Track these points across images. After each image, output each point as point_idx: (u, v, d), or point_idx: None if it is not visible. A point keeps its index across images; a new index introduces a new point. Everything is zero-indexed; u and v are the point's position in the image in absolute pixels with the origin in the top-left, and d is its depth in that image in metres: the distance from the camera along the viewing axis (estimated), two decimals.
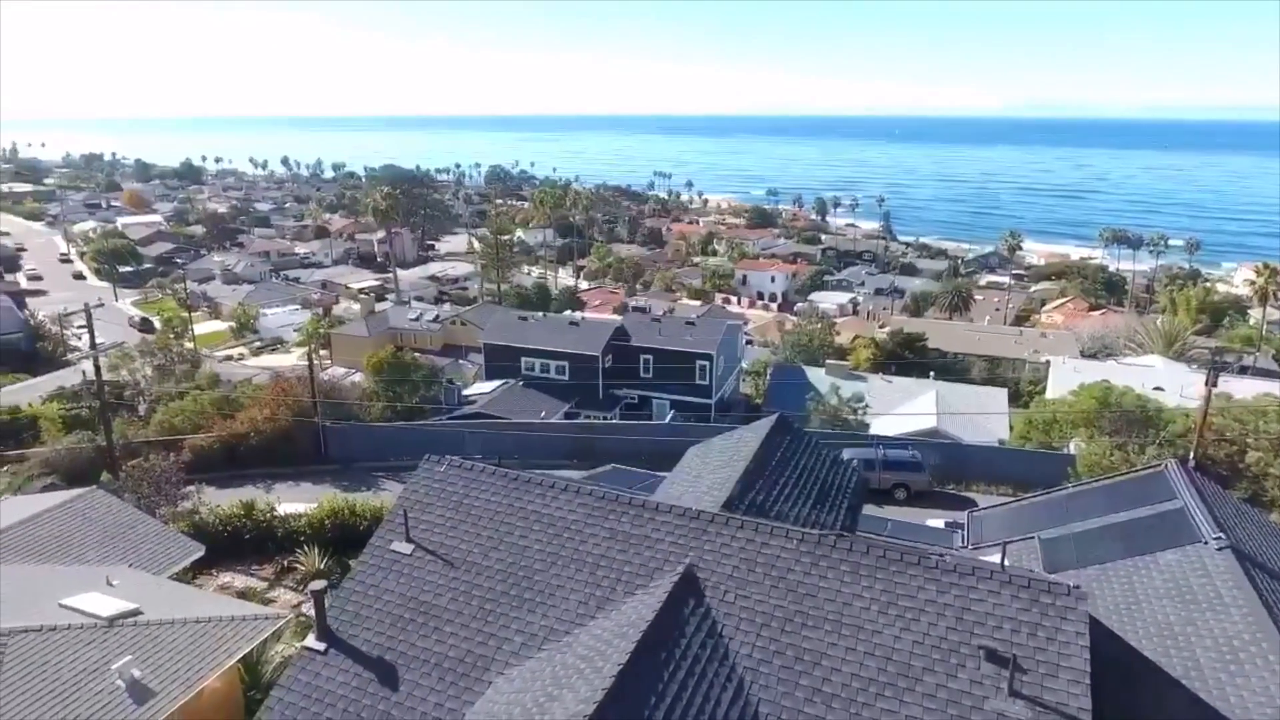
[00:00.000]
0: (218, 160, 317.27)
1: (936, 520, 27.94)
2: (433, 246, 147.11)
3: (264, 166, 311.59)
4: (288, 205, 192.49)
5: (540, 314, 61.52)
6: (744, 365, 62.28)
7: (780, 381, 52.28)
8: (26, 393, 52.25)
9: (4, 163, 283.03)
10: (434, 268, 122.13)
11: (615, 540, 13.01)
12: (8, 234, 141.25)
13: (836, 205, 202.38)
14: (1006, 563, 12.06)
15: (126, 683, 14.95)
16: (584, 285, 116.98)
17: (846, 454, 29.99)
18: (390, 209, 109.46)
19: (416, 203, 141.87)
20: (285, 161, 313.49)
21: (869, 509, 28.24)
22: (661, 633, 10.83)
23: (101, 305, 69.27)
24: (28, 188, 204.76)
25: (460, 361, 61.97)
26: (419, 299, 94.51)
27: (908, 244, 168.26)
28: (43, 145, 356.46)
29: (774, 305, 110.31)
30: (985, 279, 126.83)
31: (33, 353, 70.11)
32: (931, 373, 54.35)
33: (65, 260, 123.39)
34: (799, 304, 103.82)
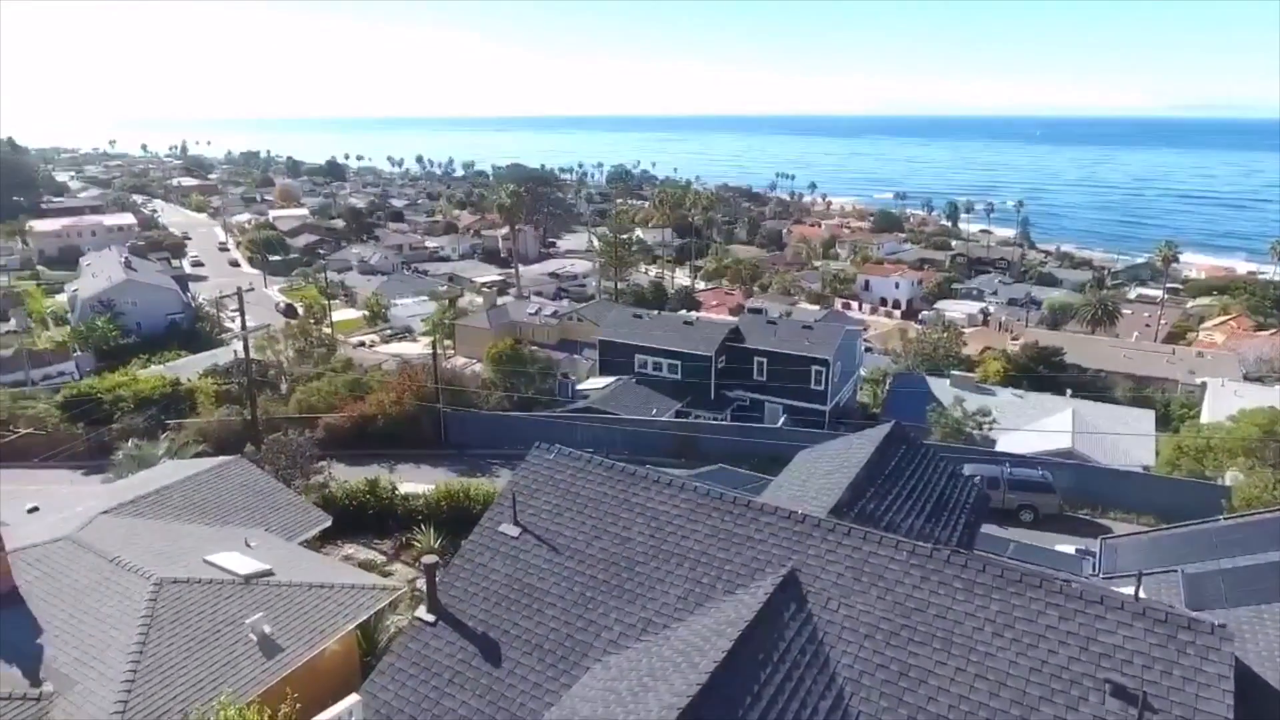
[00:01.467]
0: (359, 159, 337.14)
1: (1066, 546, 26.30)
2: (554, 244, 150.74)
3: (400, 165, 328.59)
4: (420, 202, 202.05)
5: (655, 312, 61.86)
6: (862, 373, 60.52)
7: (900, 391, 50.47)
8: (186, 368, 57.32)
9: (176, 159, 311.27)
10: (554, 264, 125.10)
11: (717, 538, 12.92)
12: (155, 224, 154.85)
13: (969, 210, 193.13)
14: (1142, 594, 11.15)
15: (258, 637, 16.11)
16: (700, 285, 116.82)
17: (968, 469, 28.62)
18: (515, 206, 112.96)
19: (540, 201, 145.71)
20: (420, 160, 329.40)
21: (990, 529, 26.88)
22: (760, 634, 10.66)
23: (252, 290, 75.13)
24: (194, 182, 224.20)
25: (575, 356, 63.20)
26: (539, 294, 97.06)
27: (1047, 252, 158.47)
28: (209, 143, 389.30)
29: (897, 312, 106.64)
30: (1135, 292, 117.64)
31: (193, 331, 76.74)
32: (1068, 390, 51.03)
33: (224, 249, 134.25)
34: (924, 312, 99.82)
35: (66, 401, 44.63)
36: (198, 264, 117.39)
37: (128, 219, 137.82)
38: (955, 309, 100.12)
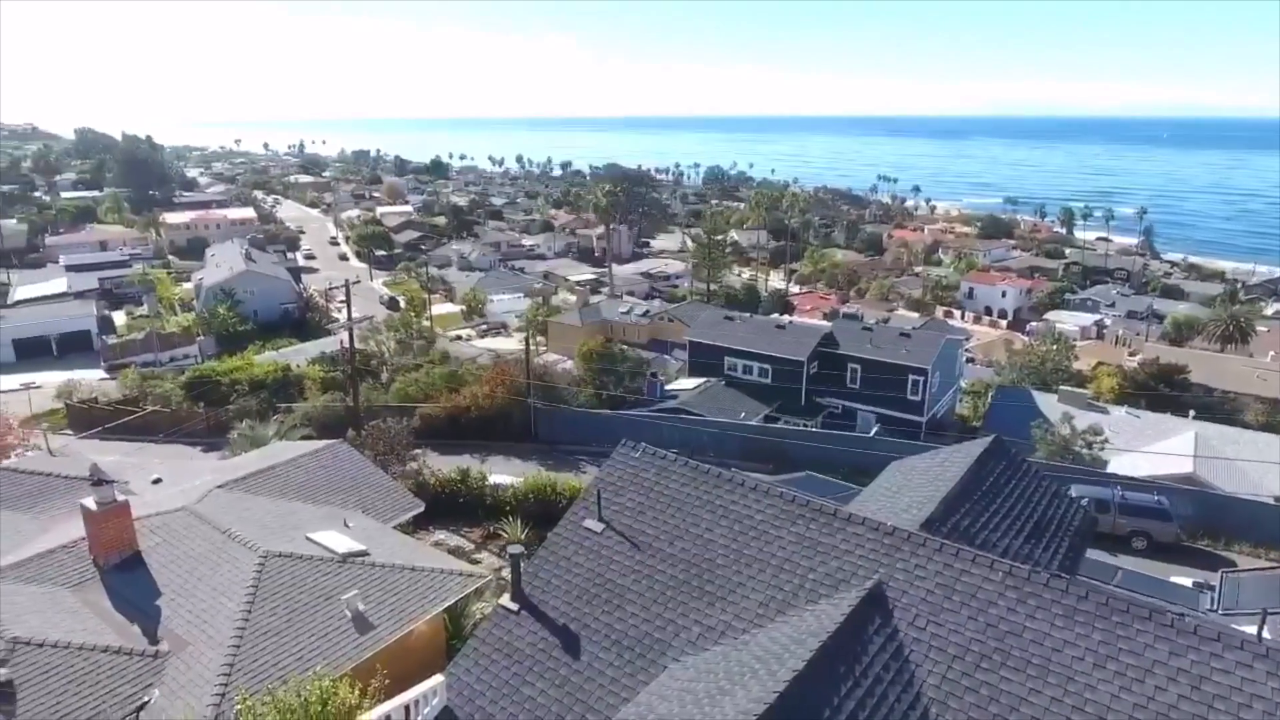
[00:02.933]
0: (462, 158, 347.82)
1: (1182, 578, 24.62)
2: (648, 244, 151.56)
3: (501, 164, 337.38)
4: (519, 200, 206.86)
5: (747, 315, 61.29)
6: (962, 384, 58.23)
7: (1003, 404, 48.25)
8: (296, 355, 60.52)
9: (294, 158, 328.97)
10: (647, 264, 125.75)
11: (802, 545, 12.68)
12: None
13: (1086, 216, 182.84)
14: (1266, 634, 10.30)
15: (352, 613, 16.83)
16: (795, 289, 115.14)
17: (1075, 490, 27.15)
18: (610, 206, 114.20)
19: (635, 200, 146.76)
20: (519, 159, 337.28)
21: (1098, 554, 25.42)
22: (842, 646, 10.40)
23: (358, 283, 78.38)
24: (310, 179, 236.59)
25: (665, 356, 63.35)
26: (631, 294, 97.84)
27: (1172, 263, 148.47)
28: (324, 143, 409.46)
29: (1002, 322, 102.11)
30: (1272, 308, 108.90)
31: (304, 321, 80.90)
32: (1191, 411, 47.60)
33: (334, 243, 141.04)
34: (1032, 323, 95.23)
35: (189, 382, 47.90)
36: (310, 257, 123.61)
37: (249, 213, 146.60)
38: (1067, 320, 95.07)
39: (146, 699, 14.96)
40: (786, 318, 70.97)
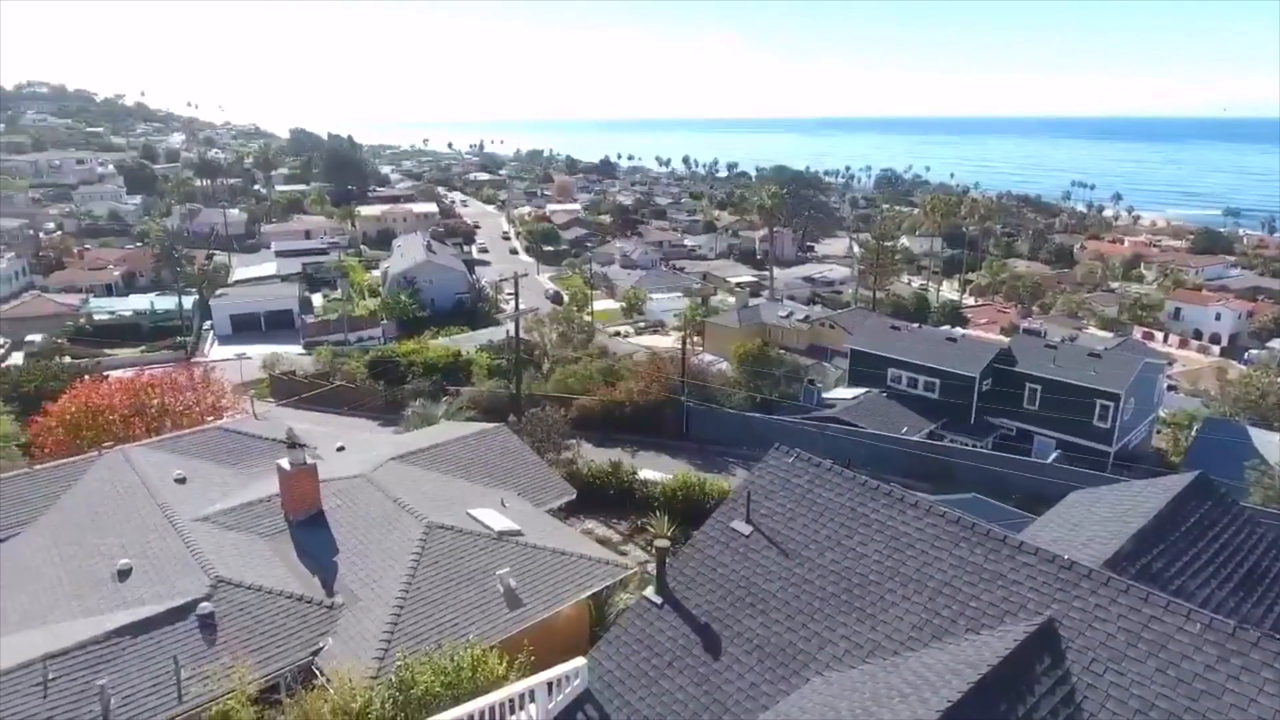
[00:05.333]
0: (629, 158, 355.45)
1: None
2: (812, 248, 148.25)
3: (667, 164, 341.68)
4: (683, 200, 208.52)
5: (915, 325, 58.56)
6: (1161, 414, 52.49)
7: (1210, 439, 42.96)
8: (467, 342, 64.21)
9: (474, 156, 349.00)
10: (811, 269, 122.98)
11: (964, 570, 11.87)
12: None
13: None
14: None
15: (504, 589, 17.58)
16: (969, 301, 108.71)
17: None
18: (775, 208, 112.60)
19: (801, 203, 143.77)
20: (686, 160, 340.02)
21: None
22: (1004, 682, 9.63)
23: (526, 276, 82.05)
24: (487, 177, 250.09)
25: (824, 364, 61.66)
26: (791, 298, 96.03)
27: None
28: (501, 143, 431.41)
29: (1214, 348, 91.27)
30: None
31: (475, 310, 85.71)
32: None
33: (506, 238, 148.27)
34: (1252, 350, 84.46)
35: (372, 362, 52.02)
36: (483, 250, 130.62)
37: (432, 208, 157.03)
38: None
39: (321, 645, 16.34)
40: (959, 330, 67.08)
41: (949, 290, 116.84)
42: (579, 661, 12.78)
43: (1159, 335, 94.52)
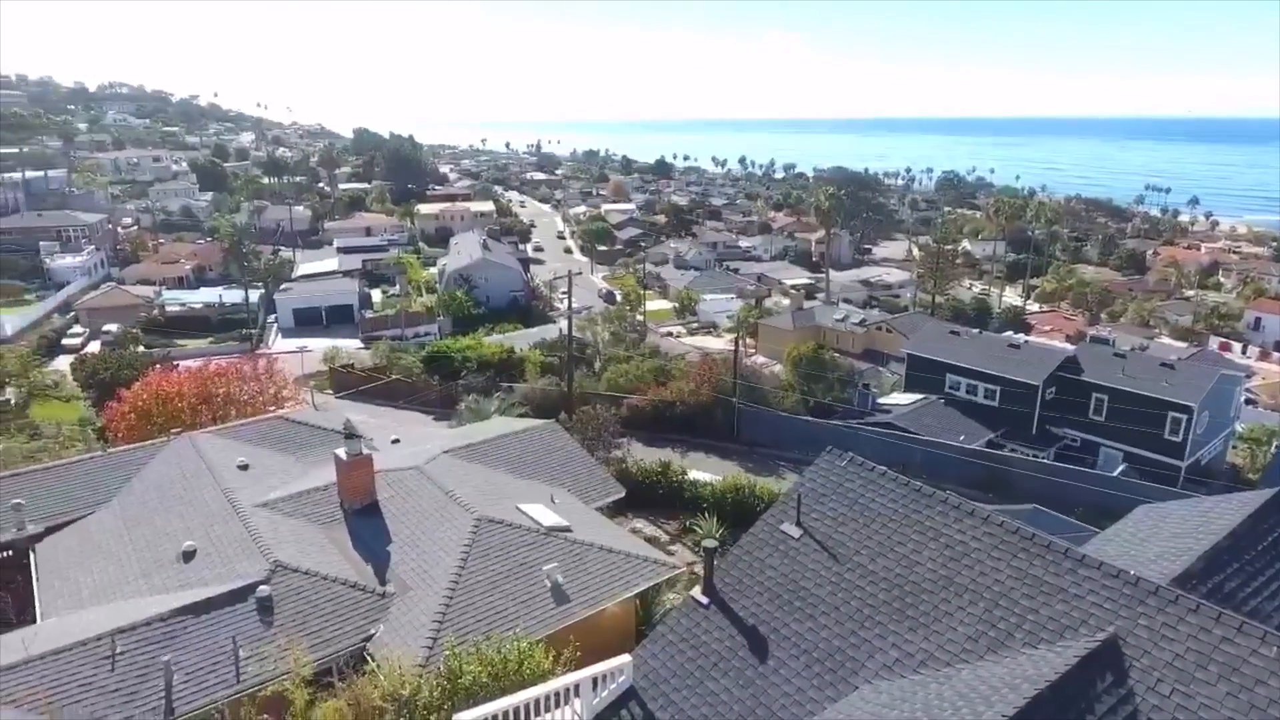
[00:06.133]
0: (685, 158, 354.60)
1: None
2: (870, 250, 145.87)
3: (723, 165, 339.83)
4: (739, 201, 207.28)
5: (975, 331, 57.05)
6: (1238, 428, 50.14)
7: None
8: (520, 339, 64.90)
9: (531, 156, 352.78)
10: (867, 271, 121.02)
11: (1023, 582, 11.49)
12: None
13: None
14: None
15: (551, 584, 17.68)
16: (1033, 307, 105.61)
17: None
18: (832, 209, 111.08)
19: (859, 205, 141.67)
20: (742, 161, 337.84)
21: None
22: (1063, 698, 9.29)
23: (580, 275, 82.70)
24: (543, 176, 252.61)
25: (879, 368, 60.60)
26: (847, 301, 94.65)
27: None
28: (558, 143, 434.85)
29: None
30: None
31: (529, 308, 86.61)
32: None
33: (561, 237, 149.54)
34: None
35: (427, 357, 52.95)
36: (538, 249, 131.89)
37: (489, 206, 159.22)
38: None
39: (373, 632, 16.68)
40: (1021, 337, 65.12)
41: (1012, 296, 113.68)
42: (624, 659, 12.76)
43: (1237, 346, 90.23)
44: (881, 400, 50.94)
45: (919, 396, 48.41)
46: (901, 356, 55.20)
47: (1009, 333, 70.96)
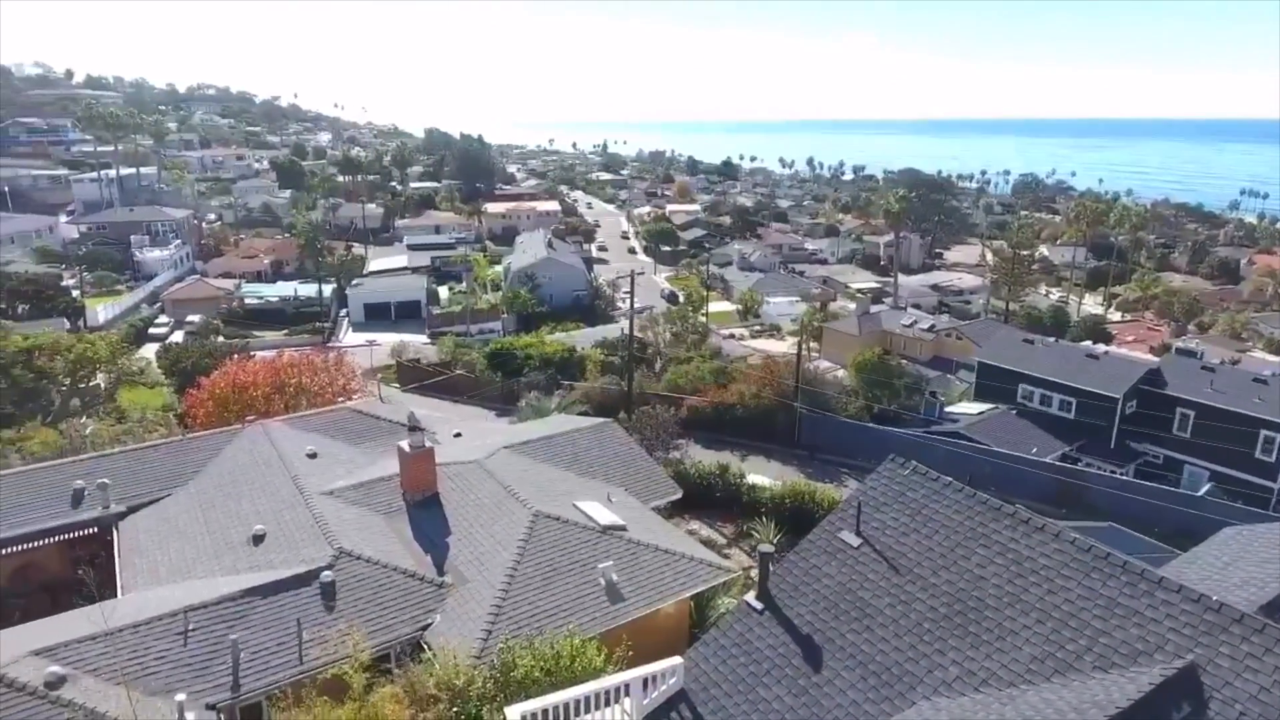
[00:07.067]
0: (752, 159, 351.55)
1: None
2: (941, 254, 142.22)
3: (790, 166, 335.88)
4: (805, 203, 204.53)
5: (1051, 340, 54.98)
6: None
7: None
8: (582, 338, 65.37)
9: (597, 156, 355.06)
10: (938, 276, 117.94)
11: (1094, 603, 10.98)
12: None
13: None
14: None
15: (605, 583, 17.70)
16: (1115, 316, 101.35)
17: None
18: (902, 212, 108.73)
19: (931, 208, 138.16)
20: (810, 162, 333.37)
21: None
22: None
23: (643, 274, 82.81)
24: (609, 176, 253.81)
25: (948, 376, 58.97)
26: (916, 306, 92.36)
27: None
28: (624, 143, 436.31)
29: None
30: None
31: (591, 307, 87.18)
32: None
33: (625, 237, 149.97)
34: None
35: (491, 354, 53.76)
36: (602, 249, 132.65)
37: (554, 206, 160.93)
38: None
39: (430, 621, 16.97)
40: (1101, 347, 62.42)
41: (1092, 304, 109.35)
42: (675, 661, 12.67)
43: None
44: (949, 409, 49.57)
45: (989, 406, 46.95)
46: (972, 364, 53.63)
47: (1087, 342, 68.17)
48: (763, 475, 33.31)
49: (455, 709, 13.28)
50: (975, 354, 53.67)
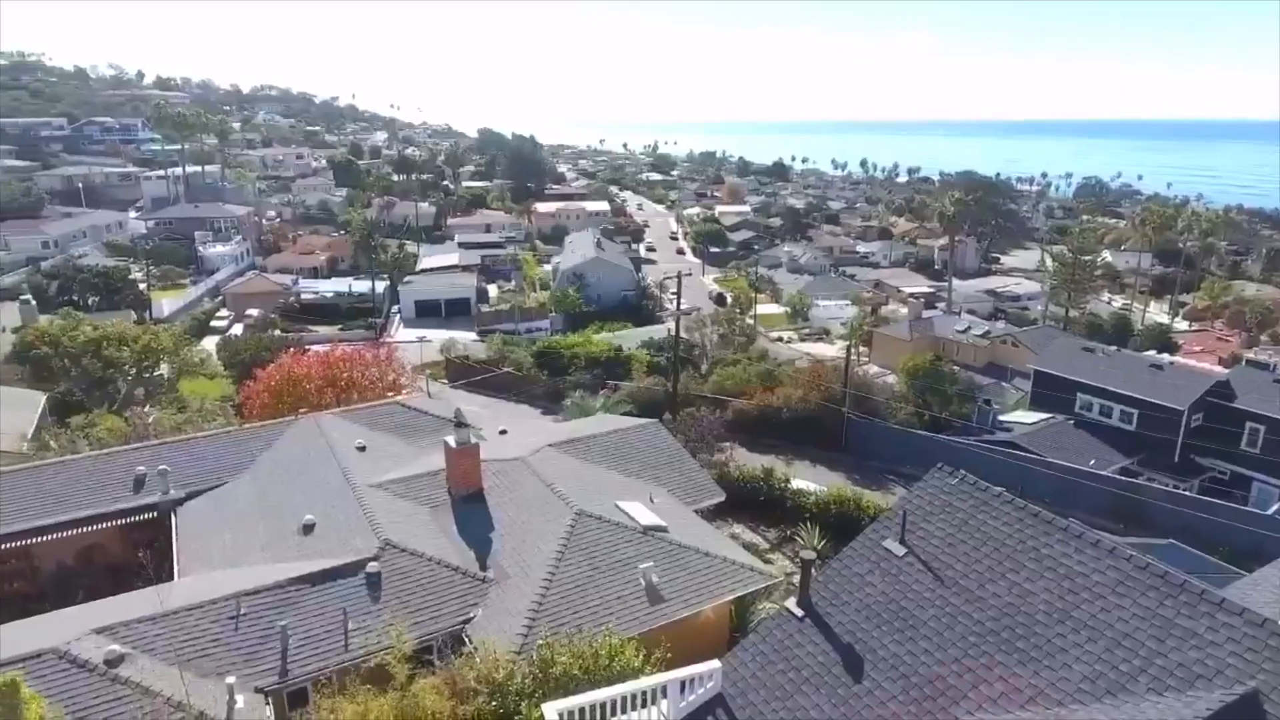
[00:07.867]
0: (804, 161, 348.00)
1: None
2: (997, 259, 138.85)
3: (843, 168, 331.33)
4: (858, 205, 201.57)
5: (1113, 349, 53.23)
6: None
7: None
8: (628, 339, 65.45)
9: (647, 157, 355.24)
10: (994, 281, 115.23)
11: (1150, 623, 10.58)
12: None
13: None
14: None
15: (646, 584, 17.69)
16: (1181, 325, 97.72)
17: None
18: (958, 215, 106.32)
19: (988, 211, 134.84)
20: (863, 164, 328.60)
21: None
22: None
23: (690, 276, 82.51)
24: (659, 177, 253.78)
25: (1003, 384, 57.52)
26: (971, 312, 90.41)
27: None
28: (675, 143, 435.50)
29: None
30: None
31: (638, 307, 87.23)
32: None
33: (673, 238, 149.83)
34: None
35: (539, 352, 54.26)
36: (650, 249, 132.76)
37: (604, 206, 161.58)
38: None
39: (471, 615, 17.18)
40: (1166, 357, 60.22)
41: (1157, 312, 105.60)
42: (714, 664, 12.59)
43: None
44: (1003, 417, 48.38)
45: (1045, 416, 45.65)
46: (1028, 373, 52.19)
47: (1151, 352, 65.84)
48: (808, 480, 32.96)
49: (494, 703, 13.41)
50: (1032, 362, 52.21)
